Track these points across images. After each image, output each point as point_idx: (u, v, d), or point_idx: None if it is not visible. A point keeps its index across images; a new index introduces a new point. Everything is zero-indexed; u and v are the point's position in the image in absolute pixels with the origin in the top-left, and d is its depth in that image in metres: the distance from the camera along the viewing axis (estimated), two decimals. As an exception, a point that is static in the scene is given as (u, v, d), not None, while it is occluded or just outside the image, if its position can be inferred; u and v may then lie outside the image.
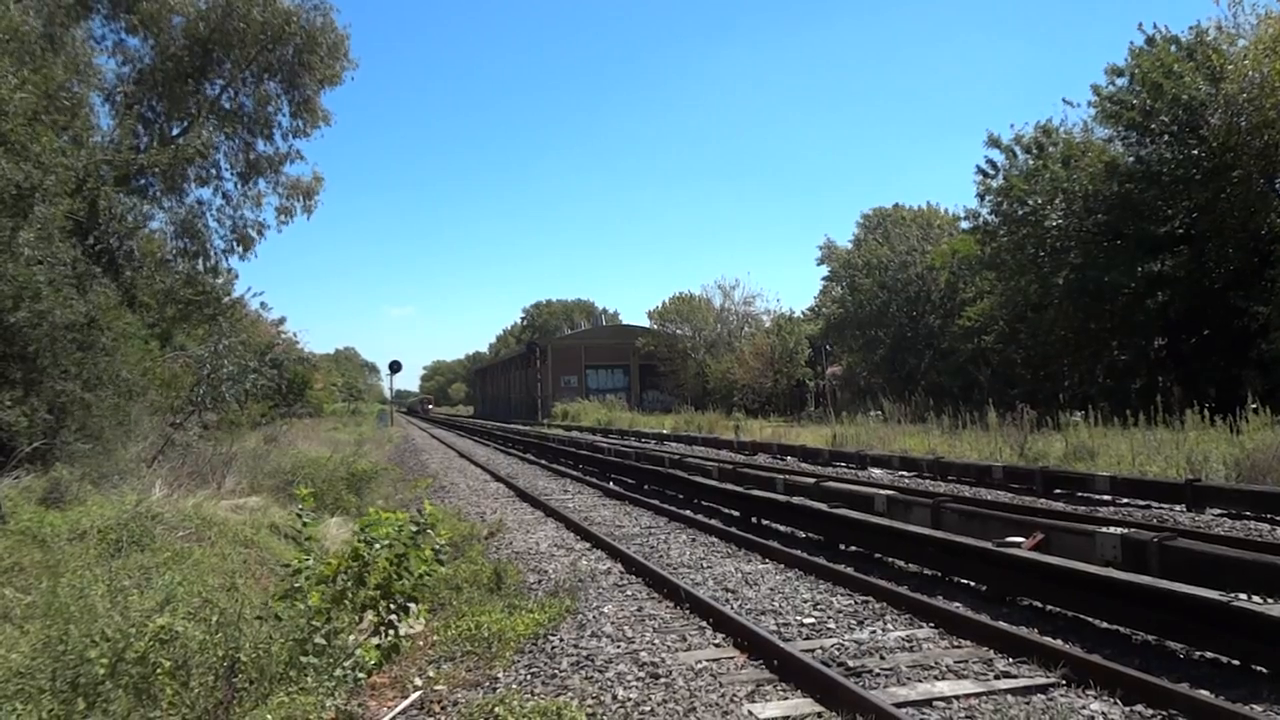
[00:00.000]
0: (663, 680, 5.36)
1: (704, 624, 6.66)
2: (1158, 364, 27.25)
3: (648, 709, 4.90)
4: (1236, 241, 23.96)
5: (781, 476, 13.31)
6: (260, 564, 8.12)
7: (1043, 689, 4.98)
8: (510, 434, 39.34)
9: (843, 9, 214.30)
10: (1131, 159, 26.90)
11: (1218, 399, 18.76)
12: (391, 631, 5.07)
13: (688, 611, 7.03)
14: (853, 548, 9.31)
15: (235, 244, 26.03)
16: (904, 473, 17.43)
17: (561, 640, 6.35)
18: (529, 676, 5.59)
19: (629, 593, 7.89)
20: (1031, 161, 30.07)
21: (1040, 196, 28.59)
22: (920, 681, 5.20)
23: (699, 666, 5.61)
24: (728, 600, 7.37)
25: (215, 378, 15.42)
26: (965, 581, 7.56)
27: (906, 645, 5.93)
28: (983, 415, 21.85)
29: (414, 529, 5.26)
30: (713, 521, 11.54)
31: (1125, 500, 12.49)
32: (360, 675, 4.81)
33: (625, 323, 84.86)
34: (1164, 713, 4.53)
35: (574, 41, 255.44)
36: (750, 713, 4.82)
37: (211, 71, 23.71)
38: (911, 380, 37.70)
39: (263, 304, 41.59)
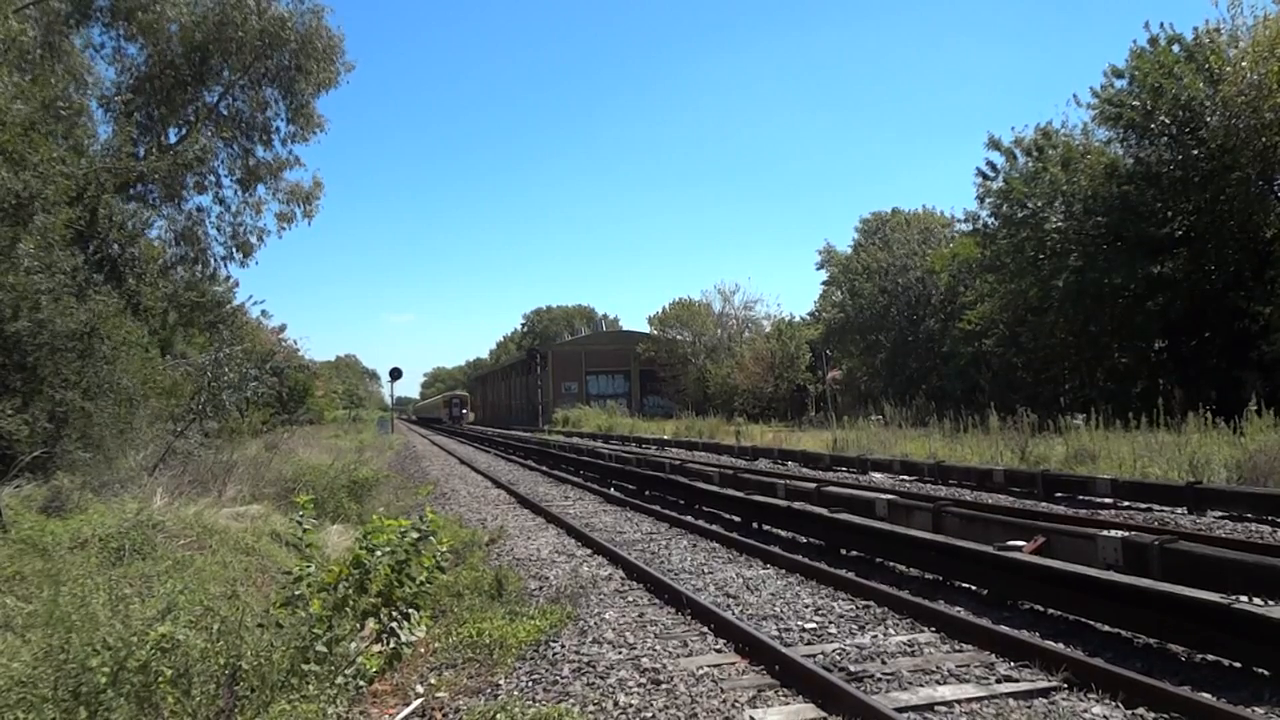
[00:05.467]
0: (664, 686, 5.35)
1: (705, 629, 6.65)
2: (1159, 366, 27.26)
3: (649, 715, 4.90)
4: (1236, 243, 24.00)
5: (782, 481, 13.29)
6: (261, 572, 8.11)
7: (1045, 693, 4.97)
8: (511, 440, 39.33)
9: (836, 13, 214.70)
10: (1131, 161, 26.94)
11: (1219, 401, 18.76)
12: (393, 639, 5.07)
13: (689, 617, 7.02)
14: (854, 552, 9.31)
15: (235, 250, 26.13)
16: (905, 477, 17.42)
17: (563, 647, 6.34)
18: (530, 683, 5.59)
19: (630, 599, 7.88)
20: (1031, 164, 30.13)
21: (1040, 199, 28.63)
22: (922, 686, 5.20)
23: (700, 672, 5.61)
24: (729, 606, 7.36)
25: (216, 386, 15.42)
26: (966, 585, 7.55)
27: (908, 650, 5.93)
28: (984, 419, 21.85)
29: (415, 536, 5.25)
30: (714, 527, 11.53)
31: (1127, 503, 12.47)
32: (362, 683, 4.81)
33: (625, 328, 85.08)
34: (1166, 716, 4.53)
35: (569, 45, 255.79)
36: (752, 718, 4.82)
37: (209, 78, 23.76)
38: (912, 384, 37.70)
39: (263, 312, 41.74)
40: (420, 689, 5.55)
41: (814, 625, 6.65)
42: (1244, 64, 22.70)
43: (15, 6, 15.31)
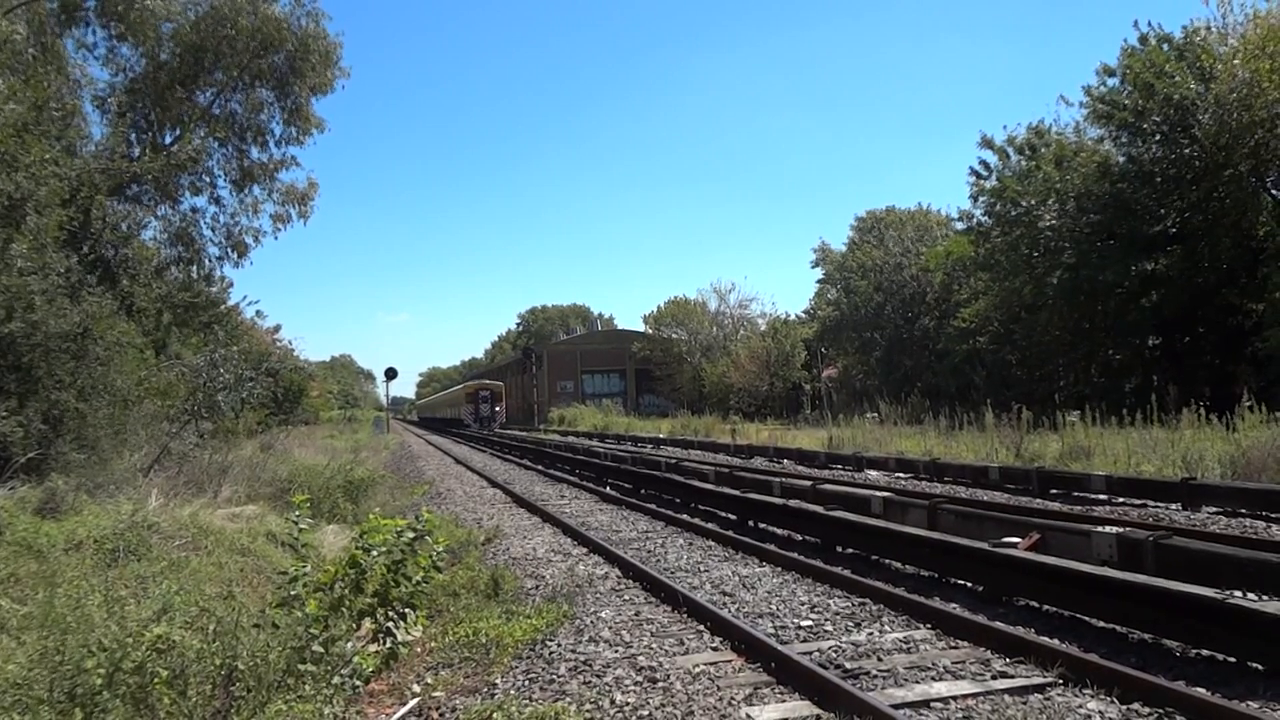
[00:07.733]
0: (660, 684, 5.36)
1: (701, 628, 6.65)
2: (1152, 363, 27.37)
3: (645, 713, 4.90)
4: (1229, 240, 24.10)
5: (778, 479, 13.31)
6: (257, 572, 8.11)
7: (1040, 688, 4.99)
8: (507, 439, 39.30)
9: (830, 11, 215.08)
10: (1123, 159, 27.04)
11: (1212, 397, 18.85)
12: (389, 638, 5.07)
13: (685, 615, 7.03)
14: (850, 550, 9.32)
15: (229, 251, 26.03)
16: (900, 474, 17.44)
17: (559, 645, 6.35)
18: (527, 682, 5.59)
19: (626, 597, 7.88)
20: (1024, 162, 30.21)
21: (1033, 197, 28.72)
22: (918, 682, 5.21)
23: (697, 670, 5.61)
24: (725, 604, 7.37)
25: (211, 386, 15.39)
26: (962, 582, 7.57)
27: (904, 646, 5.94)
28: (979, 416, 21.90)
29: (411, 535, 5.25)
30: (710, 525, 11.53)
31: (1121, 499, 12.51)
32: (358, 683, 4.80)
33: (621, 327, 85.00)
34: (1160, 711, 4.54)
35: (563, 45, 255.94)
36: (748, 716, 4.82)
37: (203, 79, 23.69)
38: (907, 382, 37.76)
39: (258, 312, 41.70)
40: (417, 688, 5.56)
41: (810, 623, 6.66)
42: (1235, 61, 22.78)
43: (6, 8, 15.27)
